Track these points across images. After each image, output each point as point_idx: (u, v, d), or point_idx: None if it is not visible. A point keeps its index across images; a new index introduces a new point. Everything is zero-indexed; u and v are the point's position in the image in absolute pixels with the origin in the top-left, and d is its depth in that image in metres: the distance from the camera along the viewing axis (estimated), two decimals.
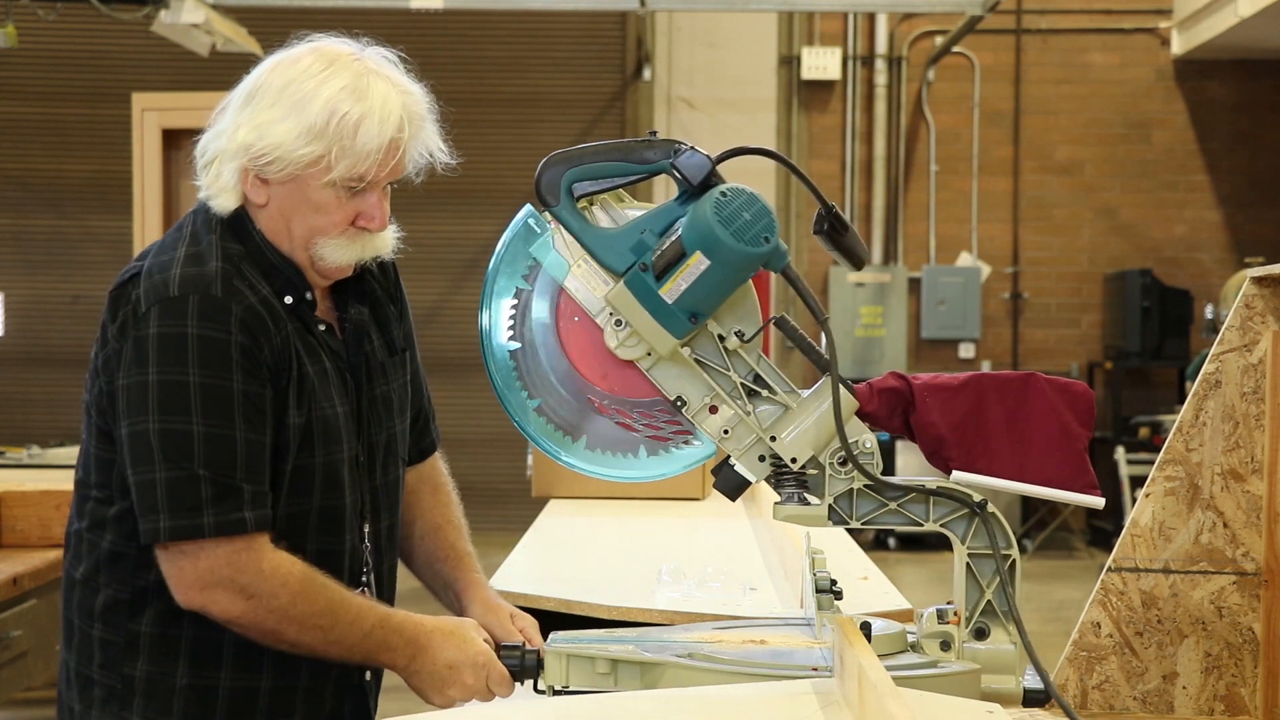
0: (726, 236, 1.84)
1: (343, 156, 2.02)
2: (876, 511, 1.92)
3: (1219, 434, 2.08)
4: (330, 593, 2.02)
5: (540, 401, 2.00)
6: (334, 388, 2.10)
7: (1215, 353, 2.08)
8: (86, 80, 11.31)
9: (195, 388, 1.96)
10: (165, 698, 2.06)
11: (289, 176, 2.04)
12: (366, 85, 2.04)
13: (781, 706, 1.63)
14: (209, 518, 1.95)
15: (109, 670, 2.08)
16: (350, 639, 2.02)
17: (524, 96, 11.53)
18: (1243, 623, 2.08)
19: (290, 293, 2.08)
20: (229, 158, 2.05)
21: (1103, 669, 2.09)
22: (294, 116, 2.01)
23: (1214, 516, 2.08)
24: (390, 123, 2.04)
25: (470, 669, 2.04)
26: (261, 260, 2.07)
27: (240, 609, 1.97)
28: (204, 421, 1.95)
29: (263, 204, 2.07)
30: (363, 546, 2.16)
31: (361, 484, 2.15)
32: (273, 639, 2.02)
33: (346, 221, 2.07)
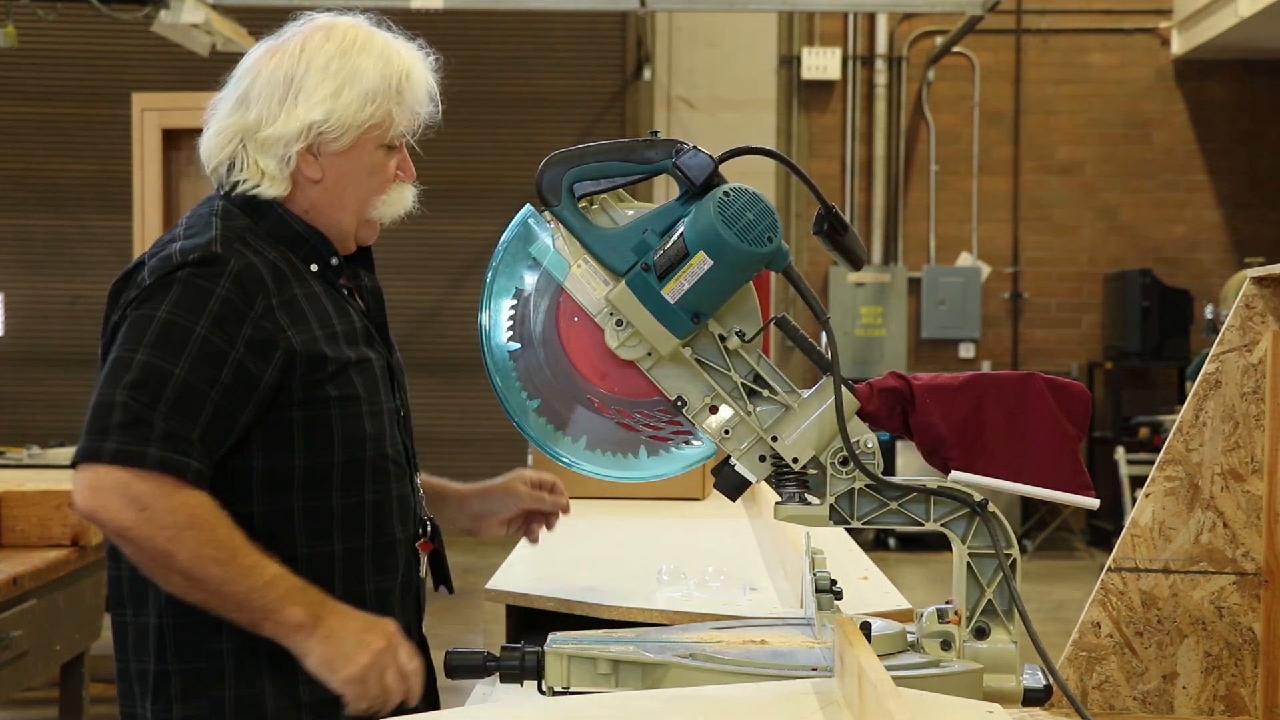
0: (730, 236, 1.84)
1: (400, 113, 2.13)
2: (877, 511, 1.92)
3: (1219, 434, 2.08)
4: (234, 533, 1.96)
5: (540, 401, 2.00)
6: (365, 343, 2.14)
7: (1215, 353, 2.09)
8: (86, 80, 11.31)
9: (157, 321, 1.98)
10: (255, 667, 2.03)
11: (349, 144, 2.11)
12: (394, 48, 2.17)
13: (781, 706, 1.63)
14: (111, 442, 1.93)
15: (191, 654, 2.04)
16: (249, 583, 1.94)
17: (524, 96, 11.53)
18: (1243, 623, 2.08)
19: (316, 259, 2.13)
20: (277, 143, 2.10)
21: (1103, 669, 2.10)
22: (348, 87, 2.10)
23: (1214, 516, 2.08)
24: (426, 76, 2.19)
25: (381, 636, 1.99)
26: (284, 231, 2.12)
27: (131, 518, 1.91)
28: (149, 352, 1.96)
29: (318, 179, 2.12)
30: (418, 498, 2.20)
31: (407, 438, 2.19)
32: (163, 564, 1.94)
33: (392, 178, 2.17)
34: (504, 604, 2.47)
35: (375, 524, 2.10)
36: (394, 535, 2.13)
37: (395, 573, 2.14)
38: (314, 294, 2.10)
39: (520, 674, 1.91)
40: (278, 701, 2.04)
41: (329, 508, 2.06)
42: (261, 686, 2.03)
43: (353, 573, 2.09)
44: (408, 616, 2.16)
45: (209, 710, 2.03)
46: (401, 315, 11.93)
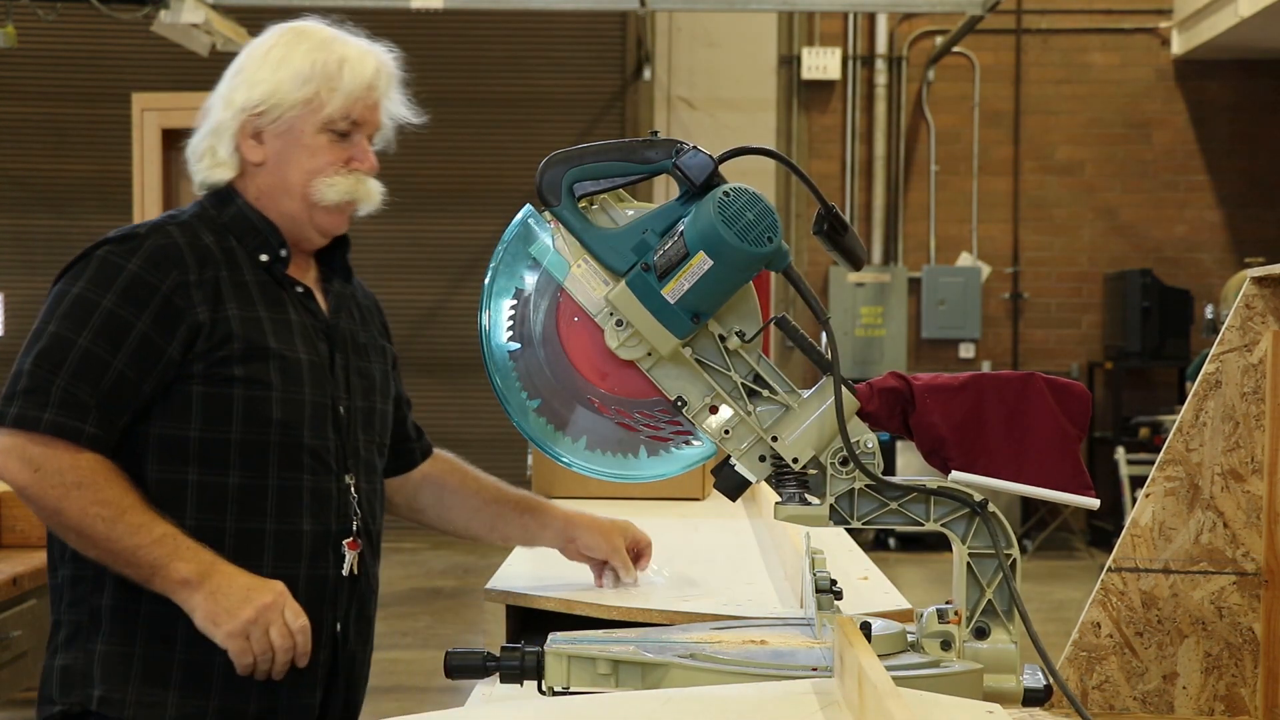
0: (730, 236, 1.84)
1: (332, 94, 2.23)
2: (877, 511, 1.92)
3: (1219, 434, 2.08)
4: (126, 494, 2.08)
5: (540, 401, 1.99)
6: (299, 337, 2.23)
7: (1215, 353, 2.09)
8: (86, 80, 11.31)
9: (70, 296, 2.12)
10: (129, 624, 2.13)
11: (285, 126, 2.24)
12: (339, 39, 2.29)
13: (781, 706, 1.63)
14: (13, 408, 2.07)
15: (77, 606, 2.16)
16: (136, 540, 2.05)
17: (524, 96, 11.53)
18: (1243, 623, 2.08)
19: (265, 250, 2.25)
20: (224, 129, 2.25)
21: (1103, 669, 2.10)
22: (282, 69, 2.24)
23: (1214, 516, 2.08)
24: (368, 65, 2.27)
25: (268, 593, 2.08)
26: (239, 222, 2.25)
27: (26, 478, 2.07)
28: (58, 323, 2.10)
29: (260, 161, 2.26)
30: (350, 497, 2.25)
31: (340, 436, 2.25)
32: (56, 521, 2.09)
33: (340, 163, 2.26)
34: (504, 604, 2.47)
35: (278, 509, 2.17)
36: (300, 526, 2.19)
37: (298, 563, 2.19)
38: (245, 281, 2.21)
39: (520, 674, 1.91)
40: (148, 662, 2.13)
41: (224, 484, 2.15)
42: (133, 645, 2.13)
43: (248, 553, 2.15)
44: (330, 611, 2.22)
45: (83, 661, 2.14)
46: (401, 315, 11.94)
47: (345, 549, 2.25)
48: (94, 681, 2.12)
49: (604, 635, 1.96)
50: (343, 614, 2.26)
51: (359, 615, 2.30)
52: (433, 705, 5.75)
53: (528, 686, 1.90)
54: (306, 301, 2.29)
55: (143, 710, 2.12)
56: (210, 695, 2.13)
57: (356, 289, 2.43)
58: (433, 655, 7.26)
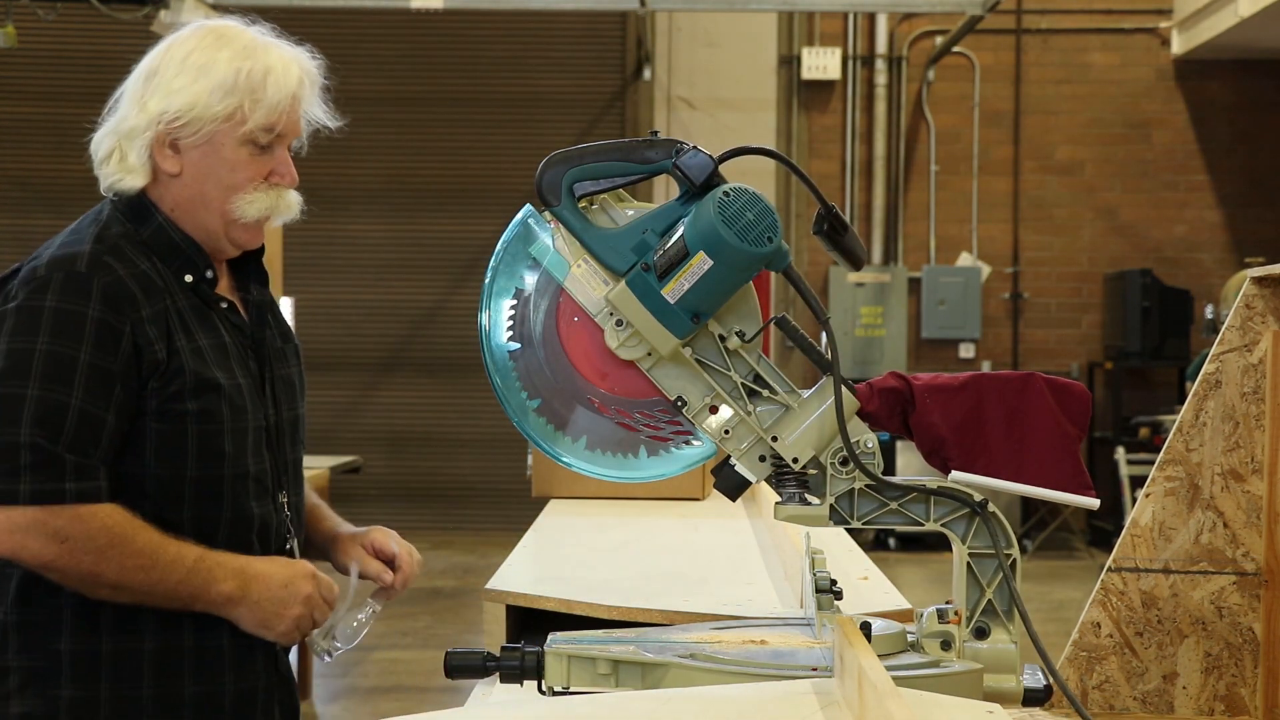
0: (730, 236, 1.84)
1: (255, 107, 2.12)
2: (877, 511, 1.92)
3: (1219, 434, 2.08)
4: (151, 535, 2.03)
5: (540, 402, 1.99)
6: (234, 360, 2.17)
7: (1215, 353, 2.09)
8: (86, 80, 11.31)
9: (40, 354, 2.01)
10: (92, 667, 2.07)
11: (204, 138, 2.12)
12: (261, 45, 2.17)
13: (781, 706, 1.63)
14: (25, 484, 1.97)
15: (30, 652, 2.08)
16: (175, 576, 2.03)
17: (524, 96, 11.53)
18: (1243, 623, 2.08)
19: (190, 270, 2.15)
20: (136, 135, 2.13)
21: (1103, 669, 2.10)
22: (203, 78, 2.11)
23: (1214, 516, 2.08)
24: (292, 74, 2.16)
25: (305, 580, 2.10)
26: (161, 240, 2.15)
27: (54, 552, 1.98)
28: (40, 386, 1.99)
29: (176, 173, 2.15)
30: (283, 516, 2.22)
31: (273, 455, 2.21)
32: (91, 582, 2.01)
33: (260, 177, 2.16)
34: (504, 604, 2.47)
35: (229, 541, 2.12)
36: (252, 549, 2.15)
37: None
38: (182, 308, 2.12)
39: (520, 674, 1.91)
40: (115, 706, 2.08)
41: (179, 520, 2.09)
42: (98, 689, 2.08)
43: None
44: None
45: (44, 708, 2.07)
46: (401, 315, 11.95)
47: None
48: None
49: (604, 635, 1.96)
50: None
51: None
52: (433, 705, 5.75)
53: (528, 686, 1.90)
54: (231, 317, 2.21)
55: None
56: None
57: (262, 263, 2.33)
58: (433, 655, 7.26)
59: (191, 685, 2.11)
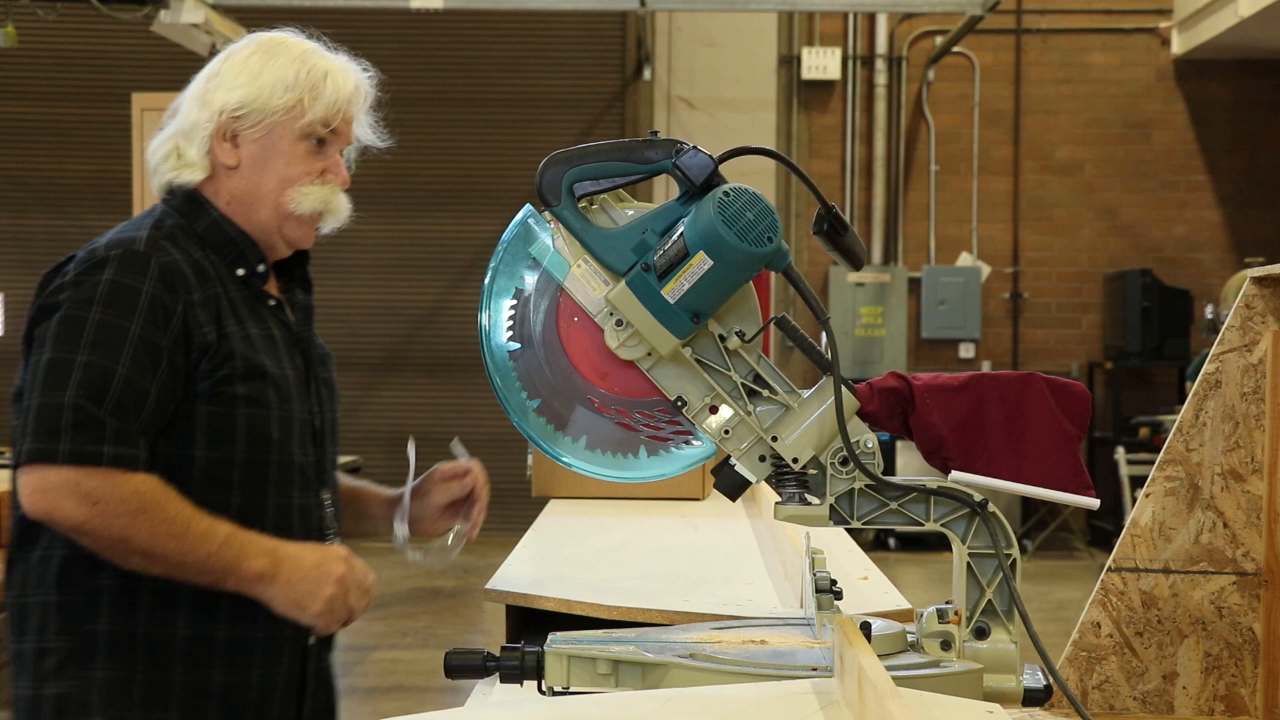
0: (730, 236, 1.84)
1: (315, 103, 2.20)
2: (877, 511, 1.92)
3: (1219, 434, 2.08)
4: (183, 506, 2.05)
5: (540, 401, 1.99)
6: (283, 353, 2.22)
7: (1215, 353, 2.09)
8: (86, 80, 11.32)
9: (92, 324, 2.05)
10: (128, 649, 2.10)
11: (263, 130, 2.20)
12: (320, 51, 2.28)
13: (781, 706, 1.63)
14: (64, 444, 2.00)
15: (68, 633, 2.10)
16: (205, 548, 2.04)
17: (524, 96, 11.53)
18: (1243, 623, 2.08)
19: (242, 264, 2.21)
20: (197, 130, 2.21)
21: (1103, 669, 2.10)
22: (266, 74, 2.20)
23: (1214, 516, 2.08)
24: (350, 79, 2.26)
25: (337, 562, 2.10)
26: (215, 233, 2.21)
27: (85, 514, 2.00)
28: (89, 353, 2.04)
29: (233, 165, 2.21)
30: (325, 511, 2.25)
31: (318, 450, 2.25)
32: (121, 549, 2.03)
33: (315, 173, 2.23)
34: (504, 604, 2.47)
35: (276, 528, 2.15)
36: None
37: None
38: (233, 298, 2.18)
39: (520, 674, 1.91)
40: (148, 688, 2.11)
41: (226, 504, 2.12)
42: (132, 671, 2.10)
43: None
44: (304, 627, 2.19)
45: (79, 689, 2.10)
46: (401, 315, 11.95)
47: None
48: (93, 709, 2.09)
49: (604, 635, 1.96)
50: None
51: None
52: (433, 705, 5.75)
53: (528, 686, 1.90)
54: (279, 314, 2.26)
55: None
56: (209, 714, 2.13)
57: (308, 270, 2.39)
58: (433, 655, 7.25)
59: (221, 675, 2.14)
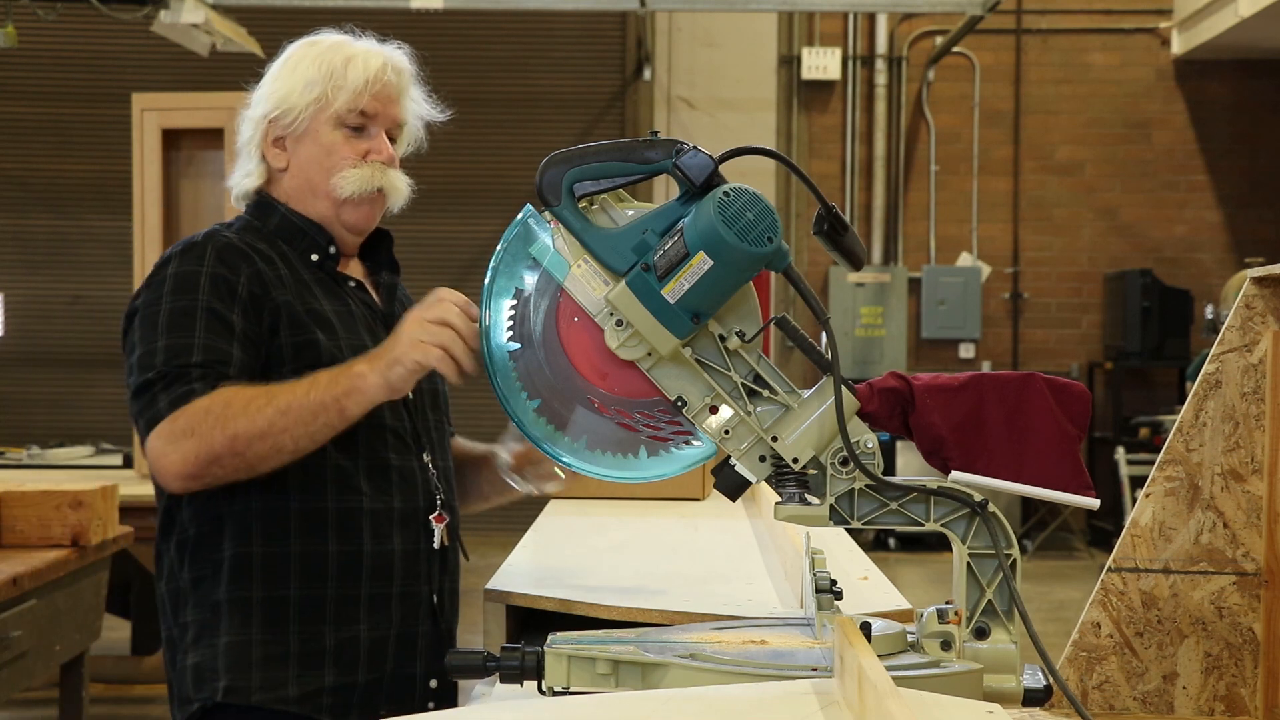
0: (730, 236, 1.84)
1: (339, 92, 2.30)
2: (877, 511, 1.92)
3: (1219, 434, 2.08)
4: (257, 386, 2.14)
5: (540, 401, 1.99)
6: (362, 327, 2.32)
7: (1215, 353, 2.08)
8: (86, 80, 11.31)
9: (165, 312, 2.19)
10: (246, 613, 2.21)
11: (302, 128, 2.32)
12: (346, 41, 2.38)
13: (781, 706, 1.63)
14: (162, 401, 2.12)
15: (199, 607, 2.23)
16: (298, 389, 2.11)
17: (524, 96, 11.53)
18: (1243, 623, 2.08)
19: (315, 250, 2.34)
20: (249, 142, 2.36)
21: (1103, 669, 2.10)
22: (293, 75, 2.33)
23: (1214, 517, 2.08)
24: (374, 62, 2.34)
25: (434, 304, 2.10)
26: (285, 226, 2.34)
27: (192, 448, 2.09)
28: (167, 337, 2.16)
29: (284, 167, 2.35)
30: (429, 474, 2.34)
31: (411, 417, 2.34)
32: (243, 448, 2.10)
33: (357, 156, 2.33)
34: (504, 604, 2.47)
35: (372, 487, 2.25)
36: (391, 503, 2.28)
37: (392, 539, 2.28)
38: (307, 280, 2.30)
39: (520, 674, 1.91)
40: (267, 647, 2.21)
41: (321, 464, 2.21)
42: (250, 632, 2.21)
43: (346, 530, 2.24)
44: (426, 584, 2.33)
45: (209, 657, 2.22)
46: None
47: (433, 523, 2.34)
48: (219, 673, 2.20)
49: (604, 635, 1.96)
50: (437, 586, 2.35)
51: (451, 588, 2.41)
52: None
53: (528, 686, 1.90)
54: (360, 294, 2.38)
55: (267, 694, 2.20)
56: (324, 672, 2.22)
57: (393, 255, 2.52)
58: None
59: (332, 633, 2.23)
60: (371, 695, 2.25)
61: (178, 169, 5.72)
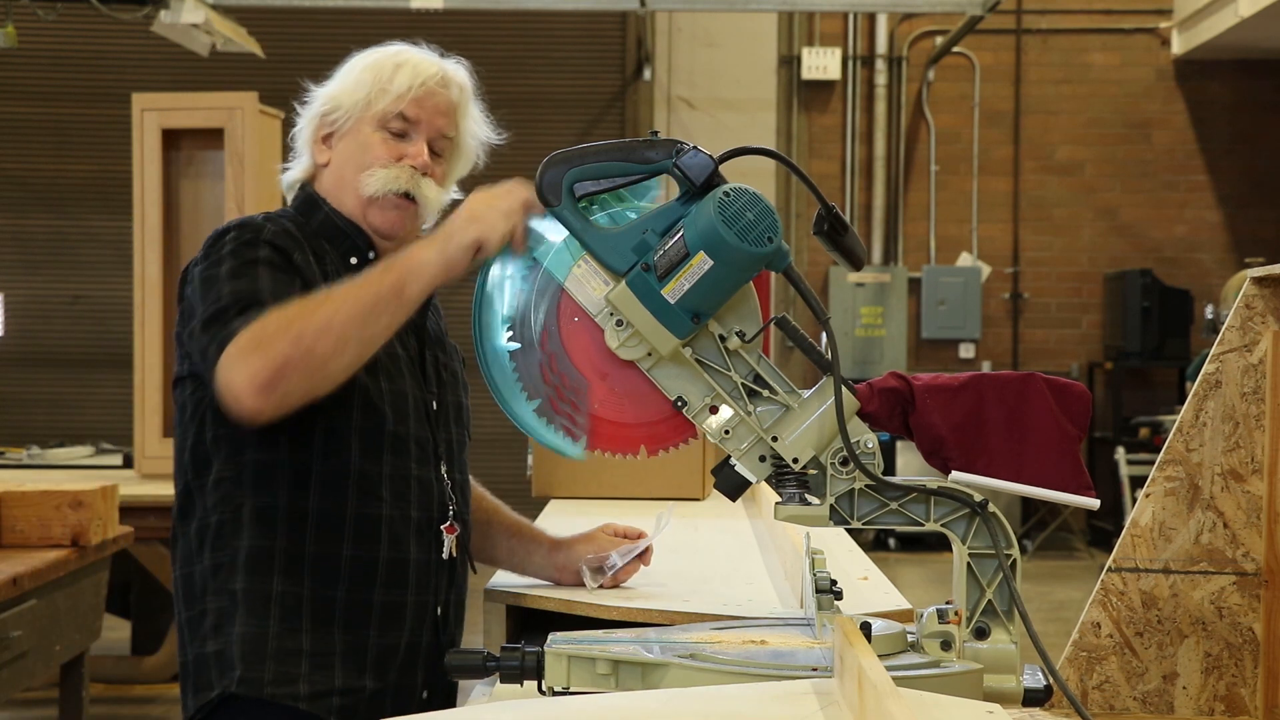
0: (730, 237, 1.84)
1: (382, 95, 2.31)
2: (877, 511, 1.92)
3: (1219, 434, 2.08)
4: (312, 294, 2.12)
5: (540, 402, 1.99)
6: (403, 338, 2.31)
7: (1215, 353, 2.08)
8: (86, 80, 11.31)
9: (226, 269, 2.18)
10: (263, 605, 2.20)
11: (348, 127, 2.33)
12: (403, 49, 2.39)
13: (781, 706, 1.63)
14: (235, 323, 2.09)
15: (218, 594, 2.22)
16: (359, 286, 2.07)
17: (524, 96, 11.52)
18: (1243, 623, 2.08)
19: (354, 253, 2.33)
20: (300, 136, 2.39)
21: (1103, 669, 2.10)
22: (348, 76, 2.36)
23: (1214, 517, 2.08)
24: (425, 70, 2.34)
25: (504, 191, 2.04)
26: (328, 226, 2.34)
27: (261, 357, 2.04)
28: (231, 284, 2.16)
29: (326, 163, 2.36)
30: (444, 485, 2.33)
31: (432, 428, 2.33)
32: (310, 345, 2.04)
33: (391, 158, 2.32)
34: (504, 604, 2.47)
35: (392, 495, 2.24)
36: (408, 511, 2.27)
37: (408, 547, 2.27)
38: (325, 268, 2.27)
39: (520, 674, 1.91)
40: (281, 641, 2.20)
41: (346, 470, 2.22)
42: (266, 624, 2.20)
43: (365, 536, 2.23)
44: (432, 595, 2.31)
45: (227, 646, 2.21)
46: None
47: (444, 534, 2.32)
48: (234, 663, 2.19)
49: (604, 635, 1.96)
50: (443, 598, 2.34)
51: (457, 600, 2.39)
52: None
53: (528, 686, 1.90)
54: None
55: (279, 688, 2.19)
56: (334, 674, 2.21)
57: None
58: None
59: (341, 636, 2.22)
60: (378, 702, 2.25)
61: (178, 169, 5.72)
